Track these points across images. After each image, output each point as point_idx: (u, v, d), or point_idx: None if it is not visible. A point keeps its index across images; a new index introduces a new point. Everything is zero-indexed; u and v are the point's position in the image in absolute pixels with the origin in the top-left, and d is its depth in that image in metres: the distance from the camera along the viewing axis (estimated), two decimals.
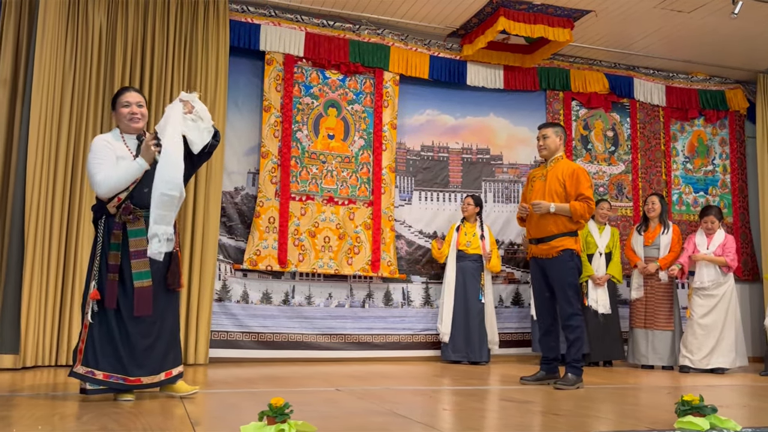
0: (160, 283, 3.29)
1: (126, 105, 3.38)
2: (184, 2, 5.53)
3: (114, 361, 3.18)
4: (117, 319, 3.21)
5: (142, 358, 3.21)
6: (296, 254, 5.83)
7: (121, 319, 3.21)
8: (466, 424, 2.79)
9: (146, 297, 3.18)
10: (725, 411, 2.91)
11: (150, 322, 3.25)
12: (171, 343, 3.37)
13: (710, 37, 6.51)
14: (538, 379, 4.47)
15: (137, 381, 3.21)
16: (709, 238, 5.85)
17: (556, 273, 4.40)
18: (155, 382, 3.28)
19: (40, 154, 4.85)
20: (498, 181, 6.76)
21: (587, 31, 6.40)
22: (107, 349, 3.20)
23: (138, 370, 3.20)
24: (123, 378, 3.19)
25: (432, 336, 6.22)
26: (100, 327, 3.21)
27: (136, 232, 3.23)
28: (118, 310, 3.21)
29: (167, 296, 3.36)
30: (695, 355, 5.63)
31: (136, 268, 3.20)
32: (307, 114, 6.07)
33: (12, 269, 4.71)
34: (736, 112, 7.53)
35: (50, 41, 4.96)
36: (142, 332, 3.22)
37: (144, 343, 3.22)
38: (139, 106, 3.39)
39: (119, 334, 3.20)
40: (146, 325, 3.24)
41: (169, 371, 3.33)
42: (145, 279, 3.20)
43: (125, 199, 3.25)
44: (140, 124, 3.39)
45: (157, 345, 3.28)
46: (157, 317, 3.29)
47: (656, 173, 7.22)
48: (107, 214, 3.28)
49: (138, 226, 3.24)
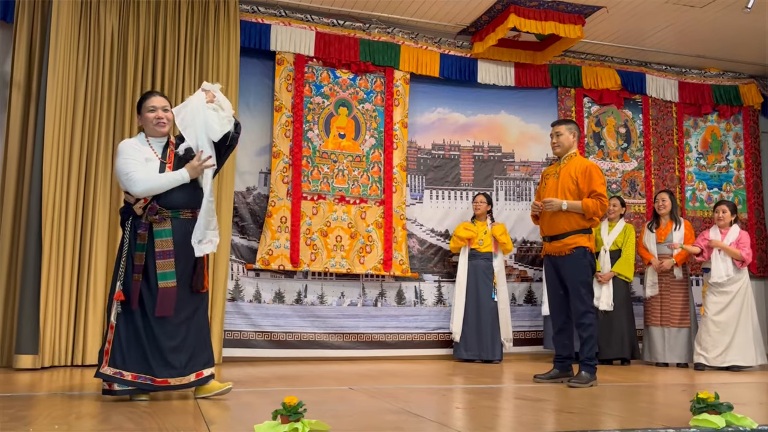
0: (186, 285, 3.31)
1: (152, 110, 3.40)
2: (195, 3, 5.56)
3: (141, 361, 3.19)
4: (143, 320, 3.22)
5: (170, 359, 3.21)
6: (308, 253, 5.85)
7: (147, 320, 3.22)
8: (479, 423, 2.79)
9: (170, 297, 3.20)
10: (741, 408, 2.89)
11: (176, 323, 3.25)
12: (200, 344, 3.35)
13: (723, 32, 6.45)
14: (551, 377, 4.46)
15: (165, 382, 3.21)
16: (723, 234, 5.81)
17: (569, 270, 4.38)
18: (184, 384, 3.27)
19: (55, 156, 4.89)
20: (510, 179, 6.74)
21: (598, 27, 6.36)
22: (134, 349, 3.21)
23: (165, 371, 3.20)
24: (151, 379, 3.19)
25: (445, 335, 6.21)
26: (126, 328, 3.22)
27: (162, 233, 3.25)
28: (144, 310, 3.22)
29: (194, 298, 3.36)
30: (710, 352, 5.58)
31: (161, 268, 3.22)
32: (318, 113, 6.08)
33: (30, 271, 4.75)
34: (750, 107, 7.46)
35: (63, 44, 5.00)
36: (168, 333, 3.22)
37: (170, 344, 3.22)
38: (165, 111, 3.42)
39: (146, 334, 3.21)
40: (172, 326, 3.24)
41: (199, 372, 3.31)
42: (169, 279, 3.21)
43: (151, 200, 3.27)
44: (166, 128, 3.41)
45: (184, 346, 3.27)
46: (184, 318, 3.29)
47: (669, 170, 7.18)
48: (134, 215, 3.30)
49: (164, 226, 3.26)
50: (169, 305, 3.20)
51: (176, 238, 3.27)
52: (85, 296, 4.98)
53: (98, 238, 5.04)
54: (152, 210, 3.27)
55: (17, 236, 4.98)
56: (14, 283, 4.93)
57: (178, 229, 3.30)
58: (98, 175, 5.11)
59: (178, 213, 3.31)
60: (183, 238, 3.28)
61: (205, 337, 3.42)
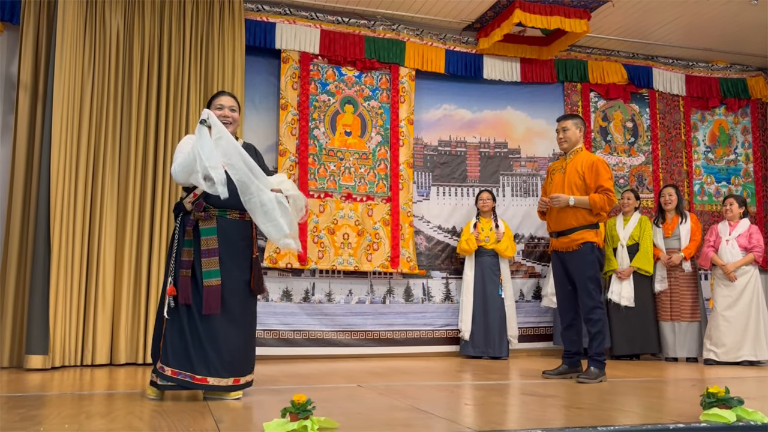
0: (241, 287, 3.30)
1: (219, 107, 3.42)
2: (200, 3, 5.56)
3: (183, 358, 3.18)
4: (188, 317, 3.21)
5: (212, 358, 3.18)
6: (316, 251, 5.85)
7: (193, 318, 3.21)
8: (488, 419, 2.79)
9: (215, 296, 3.18)
10: (752, 403, 2.87)
11: (223, 324, 3.22)
12: (244, 349, 3.32)
13: (730, 25, 6.41)
14: (560, 373, 4.45)
15: (203, 380, 3.18)
16: (731, 227, 5.78)
17: (577, 266, 4.36)
18: (222, 386, 3.23)
19: (63, 157, 4.91)
20: (516, 175, 6.72)
21: (604, 22, 6.33)
22: (177, 345, 3.21)
23: (205, 370, 3.18)
24: (190, 376, 3.17)
25: (452, 331, 6.21)
26: (172, 323, 3.23)
27: (207, 231, 3.24)
28: (191, 307, 3.21)
29: (247, 301, 3.34)
30: (720, 348, 5.55)
31: (206, 266, 3.20)
32: (324, 111, 6.08)
33: (39, 272, 4.77)
34: (758, 100, 7.41)
35: (69, 45, 5.01)
36: (213, 332, 3.20)
37: (214, 344, 3.20)
38: (232, 110, 3.43)
39: (190, 332, 3.20)
40: (219, 326, 3.21)
41: (237, 378, 3.27)
42: (214, 278, 3.19)
43: (200, 195, 3.24)
44: (231, 128, 3.39)
45: (228, 348, 3.23)
46: (233, 320, 3.26)
47: (677, 164, 7.14)
48: (185, 210, 3.30)
49: (210, 224, 3.25)
50: (215, 304, 3.18)
51: (222, 237, 3.26)
52: (94, 296, 5.00)
53: (106, 238, 5.06)
54: (199, 206, 3.26)
55: (26, 237, 5.01)
56: (24, 284, 4.96)
57: (225, 228, 3.28)
58: (106, 175, 5.13)
59: (225, 212, 3.29)
60: (229, 238, 3.28)
61: (251, 343, 3.39)
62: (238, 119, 3.48)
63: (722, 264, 5.64)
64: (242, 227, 3.35)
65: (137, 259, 5.16)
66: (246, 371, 3.34)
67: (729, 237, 5.72)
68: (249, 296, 3.36)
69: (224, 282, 3.23)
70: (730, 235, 5.73)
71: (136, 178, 5.20)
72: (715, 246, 5.77)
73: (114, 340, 5.03)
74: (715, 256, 5.71)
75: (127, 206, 5.17)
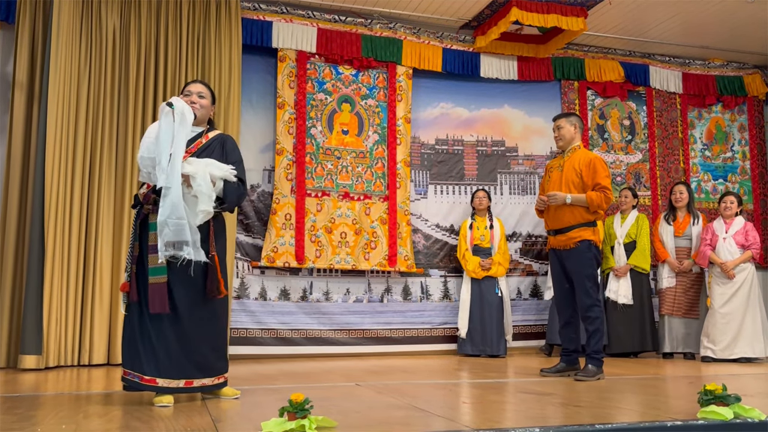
0: (194, 286, 3.10)
1: (187, 94, 3.30)
2: (196, 1, 5.55)
3: (134, 358, 3.07)
4: (139, 315, 3.08)
5: (161, 359, 3.03)
6: (313, 250, 5.85)
7: (143, 316, 3.07)
8: (486, 417, 2.79)
9: (161, 293, 3.00)
10: (749, 400, 2.88)
11: (172, 323, 3.06)
12: (202, 352, 3.12)
13: (727, 22, 6.41)
14: (558, 371, 4.45)
15: (152, 381, 3.03)
16: (727, 224, 5.78)
17: (574, 264, 4.37)
18: (171, 387, 3.06)
19: (58, 156, 4.90)
20: (514, 173, 6.72)
21: (601, 20, 6.33)
22: (129, 344, 3.10)
23: (154, 371, 3.03)
24: (139, 377, 3.05)
25: (451, 330, 6.21)
26: (127, 322, 3.12)
27: (155, 225, 3.04)
28: (141, 305, 3.08)
29: (202, 301, 3.13)
30: (718, 345, 5.56)
31: (153, 262, 3.04)
32: (321, 110, 6.07)
33: (33, 271, 4.76)
34: (755, 98, 7.43)
35: (65, 44, 5.00)
36: (161, 331, 3.05)
37: (162, 344, 3.04)
38: (200, 97, 3.30)
39: (140, 331, 3.07)
40: (167, 325, 3.05)
41: (190, 380, 3.09)
42: (160, 275, 3.02)
43: (152, 188, 3.10)
44: (198, 113, 3.26)
45: (180, 349, 3.06)
46: (183, 320, 3.07)
47: (674, 161, 7.14)
48: (139, 202, 3.16)
49: (156, 218, 3.04)
50: (161, 302, 3.00)
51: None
52: (91, 296, 4.99)
53: (103, 236, 5.05)
54: (146, 198, 3.12)
55: (22, 236, 5.00)
56: (19, 283, 4.95)
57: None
58: (102, 174, 5.12)
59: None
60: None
61: (211, 345, 3.18)
62: (207, 106, 3.32)
63: (721, 262, 5.64)
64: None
65: None
66: (205, 374, 3.14)
67: (726, 235, 5.73)
68: (204, 297, 3.12)
69: (173, 280, 3.06)
70: (727, 233, 5.73)
71: (133, 177, 5.19)
72: (712, 244, 5.78)
73: (111, 339, 5.01)
74: (713, 255, 5.72)
75: (123, 205, 5.16)
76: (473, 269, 5.96)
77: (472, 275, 5.98)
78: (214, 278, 3.12)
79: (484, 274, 5.95)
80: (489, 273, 5.96)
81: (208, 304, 3.16)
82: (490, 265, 5.97)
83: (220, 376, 3.23)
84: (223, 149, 3.30)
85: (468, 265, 6.01)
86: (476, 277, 5.97)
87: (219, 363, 3.23)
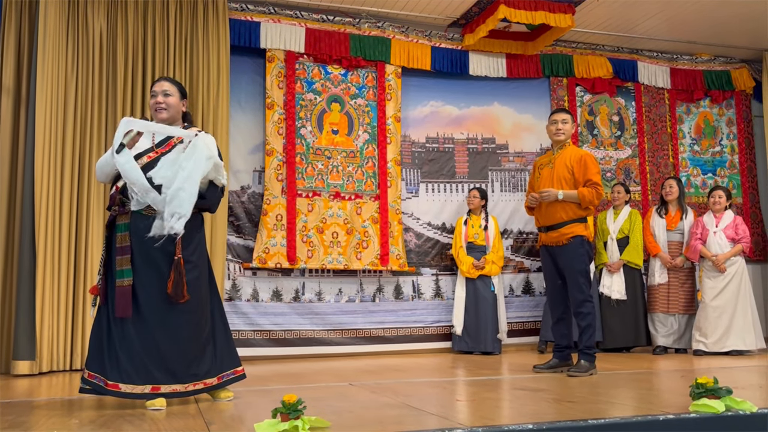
0: (158, 290, 3.02)
1: (153, 95, 3.27)
2: (183, 3, 5.53)
3: (98, 361, 3.02)
4: (106, 319, 3.04)
5: (123, 363, 2.97)
6: (305, 251, 5.84)
7: (109, 320, 3.03)
8: (480, 414, 2.79)
9: (126, 297, 2.96)
10: (740, 392, 2.90)
11: (136, 327, 3.00)
12: (172, 357, 3.03)
13: (714, 17, 6.45)
14: (551, 367, 4.46)
15: (115, 386, 2.98)
16: (717, 218, 5.81)
17: (567, 260, 4.38)
18: (136, 393, 2.99)
19: (47, 161, 4.87)
20: (504, 171, 6.73)
21: (589, 16, 6.35)
22: (94, 348, 3.05)
23: (117, 375, 2.97)
24: (103, 381, 2.99)
25: (443, 328, 6.22)
26: (96, 324, 3.08)
27: (120, 227, 3.04)
28: (108, 308, 3.05)
29: (167, 306, 3.04)
30: (709, 338, 5.58)
31: (119, 265, 2.99)
32: (311, 110, 6.06)
33: (25, 277, 4.73)
34: (742, 92, 7.47)
35: (51, 48, 4.97)
36: (125, 336, 2.99)
37: (125, 349, 2.98)
38: (165, 95, 3.24)
39: (106, 334, 3.02)
40: (131, 329, 2.99)
41: (157, 386, 3.01)
42: (126, 277, 2.98)
43: (121, 189, 3.08)
44: (163, 114, 3.23)
45: (143, 355, 2.99)
46: (153, 326, 3.01)
47: (663, 156, 7.18)
48: (112, 203, 3.12)
49: (123, 220, 3.05)
50: (126, 305, 2.95)
51: (135, 235, 3.01)
52: (82, 300, 4.96)
53: (93, 241, 5.02)
54: (112, 200, 3.10)
55: (11, 242, 4.96)
56: (10, 289, 4.91)
57: (138, 225, 3.03)
58: (91, 178, 5.09)
59: (141, 208, 3.04)
60: (143, 236, 3.00)
61: (181, 350, 3.07)
62: (174, 103, 3.26)
63: (711, 256, 5.67)
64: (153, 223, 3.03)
65: None
66: (177, 380, 3.05)
67: (716, 229, 5.76)
68: (169, 301, 3.03)
69: (137, 283, 3.00)
70: (717, 227, 5.77)
71: None
72: (702, 238, 5.81)
73: None
74: (703, 249, 5.75)
75: None
76: (467, 270, 5.97)
77: (467, 275, 5.98)
78: (178, 282, 3.02)
79: (478, 273, 5.96)
80: (483, 272, 5.97)
81: (178, 308, 3.05)
82: (483, 264, 5.97)
83: (198, 382, 3.12)
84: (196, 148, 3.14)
85: (462, 265, 6.01)
86: (470, 276, 5.98)
87: (199, 368, 3.13)
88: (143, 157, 3.07)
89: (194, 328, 3.14)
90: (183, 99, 3.35)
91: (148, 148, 3.10)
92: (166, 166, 3.05)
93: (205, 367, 3.17)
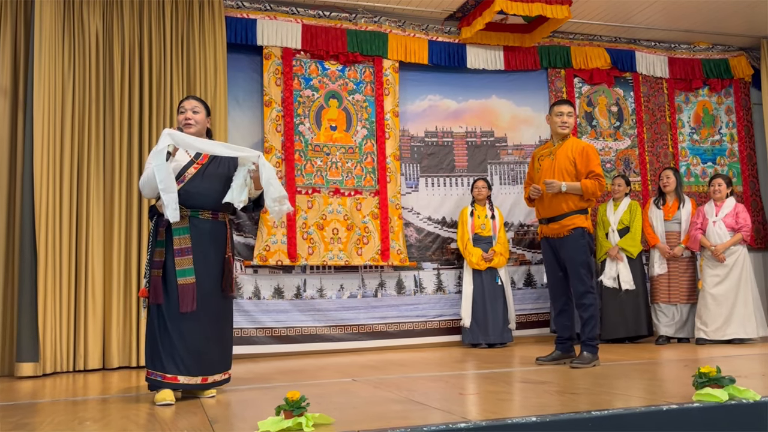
0: (212, 287, 3.36)
1: (182, 111, 3.52)
2: (179, 1, 5.51)
3: (155, 357, 3.25)
4: (159, 317, 3.27)
5: (183, 357, 3.23)
6: (306, 248, 5.84)
7: (162, 317, 3.26)
8: (483, 408, 2.79)
9: (190, 293, 3.24)
10: (743, 381, 2.90)
11: (195, 324, 3.27)
12: (216, 350, 3.38)
13: (711, 5, 6.42)
14: (553, 359, 4.47)
15: (174, 379, 3.23)
16: (717, 207, 5.81)
17: (568, 251, 4.38)
18: (192, 384, 3.28)
19: (46, 162, 4.86)
20: (504, 163, 6.73)
21: (585, 7, 6.33)
22: (151, 345, 3.29)
23: (174, 368, 3.22)
24: (161, 375, 3.23)
25: (446, 322, 6.22)
26: (149, 324, 3.31)
27: (179, 231, 3.29)
28: (161, 307, 3.27)
29: (220, 302, 3.41)
30: (710, 326, 5.59)
31: (180, 265, 3.26)
32: (309, 106, 6.05)
33: (26, 279, 4.73)
34: (741, 80, 7.45)
35: (48, 48, 4.96)
36: (181, 331, 3.24)
37: (182, 343, 3.24)
38: (194, 113, 3.51)
39: (159, 331, 3.25)
40: (187, 324, 3.25)
41: (206, 377, 3.32)
42: (188, 276, 3.26)
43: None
44: (192, 129, 3.48)
45: (199, 348, 3.28)
46: (206, 321, 3.31)
47: (663, 146, 7.17)
48: (158, 213, 3.36)
49: (182, 224, 3.30)
50: (190, 301, 3.24)
51: (194, 237, 3.32)
52: (84, 300, 4.97)
53: (94, 241, 5.03)
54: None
55: (12, 244, 4.96)
56: (12, 291, 4.92)
57: (197, 227, 3.34)
58: (90, 179, 5.08)
59: (197, 212, 3.36)
60: (200, 238, 3.34)
61: (224, 345, 3.46)
62: (202, 120, 3.53)
63: (710, 245, 5.67)
64: (214, 227, 3.41)
65: (126, 261, 5.12)
66: (216, 370, 3.38)
67: (716, 218, 5.76)
68: (219, 296, 3.41)
69: (200, 281, 3.30)
70: (717, 216, 5.76)
71: (122, 180, 5.17)
72: (702, 228, 5.80)
73: (106, 344, 5.00)
74: (703, 238, 5.74)
75: (113, 209, 5.13)
76: (477, 261, 5.96)
77: (475, 267, 5.97)
78: (229, 277, 3.42)
79: (487, 265, 5.95)
80: (491, 264, 5.96)
81: (221, 303, 3.43)
82: (492, 256, 5.97)
83: (225, 372, 3.47)
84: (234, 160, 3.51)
85: (471, 257, 5.99)
86: (479, 268, 5.97)
87: (226, 360, 3.49)
88: (189, 168, 3.39)
89: (231, 320, 3.58)
90: (208, 116, 3.62)
91: (189, 162, 3.42)
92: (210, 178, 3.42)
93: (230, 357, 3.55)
